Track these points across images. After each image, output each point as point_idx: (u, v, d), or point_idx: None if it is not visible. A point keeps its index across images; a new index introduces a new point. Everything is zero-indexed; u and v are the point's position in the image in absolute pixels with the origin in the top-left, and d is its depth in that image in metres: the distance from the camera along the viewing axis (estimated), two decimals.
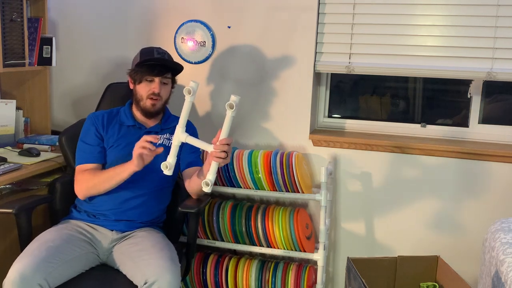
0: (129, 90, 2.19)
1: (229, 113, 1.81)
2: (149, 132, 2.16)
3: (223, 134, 1.82)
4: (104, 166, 2.12)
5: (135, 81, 2.14)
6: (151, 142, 1.87)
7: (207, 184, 1.81)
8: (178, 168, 2.18)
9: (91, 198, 2.08)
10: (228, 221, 2.40)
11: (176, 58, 2.54)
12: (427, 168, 2.43)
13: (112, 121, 2.16)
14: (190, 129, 1.95)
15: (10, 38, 2.40)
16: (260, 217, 2.38)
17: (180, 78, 2.26)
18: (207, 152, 2.40)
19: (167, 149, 2.17)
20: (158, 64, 2.10)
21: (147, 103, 2.12)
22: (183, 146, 2.15)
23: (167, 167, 1.87)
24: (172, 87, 2.22)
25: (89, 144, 2.12)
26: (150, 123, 2.19)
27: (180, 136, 1.89)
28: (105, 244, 1.99)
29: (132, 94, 2.18)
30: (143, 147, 1.87)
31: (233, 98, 1.79)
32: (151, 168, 1.99)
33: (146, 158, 1.90)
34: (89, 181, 2.03)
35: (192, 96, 1.86)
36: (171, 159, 1.88)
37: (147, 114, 2.15)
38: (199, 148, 2.02)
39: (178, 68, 2.17)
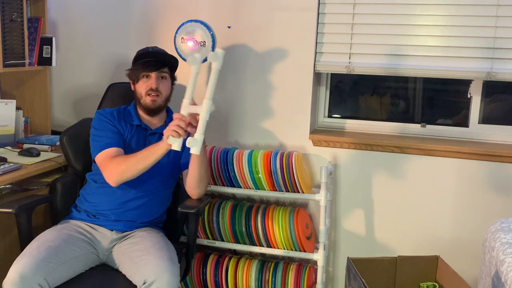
0: (131, 91, 2.20)
1: (213, 66, 1.77)
2: (153, 133, 2.16)
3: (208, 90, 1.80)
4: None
5: (134, 81, 2.15)
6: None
7: (189, 142, 1.71)
8: (179, 169, 2.18)
9: (91, 198, 2.08)
10: (228, 221, 2.40)
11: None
12: (427, 168, 2.43)
13: (121, 119, 2.15)
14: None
15: (10, 38, 2.40)
16: (260, 217, 2.38)
17: (180, 78, 2.26)
18: None
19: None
20: (153, 59, 2.10)
21: (147, 100, 2.11)
22: (185, 147, 2.15)
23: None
24: (172, 83, 2.21)
25: (107, 130, 2.08)
26: (155, 123, 2.19)
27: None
28: (104, 244, 1.99)
29: (134, 95, 2.18)
30: (173, 130, 1.81)
31: (217, 50, 1.75)
32: (153, 170, 1.98)
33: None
34: (121, 164, 1.95)
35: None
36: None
37: (149, 111, 2.15)
38: None
39: (173, 62, 2.17)
